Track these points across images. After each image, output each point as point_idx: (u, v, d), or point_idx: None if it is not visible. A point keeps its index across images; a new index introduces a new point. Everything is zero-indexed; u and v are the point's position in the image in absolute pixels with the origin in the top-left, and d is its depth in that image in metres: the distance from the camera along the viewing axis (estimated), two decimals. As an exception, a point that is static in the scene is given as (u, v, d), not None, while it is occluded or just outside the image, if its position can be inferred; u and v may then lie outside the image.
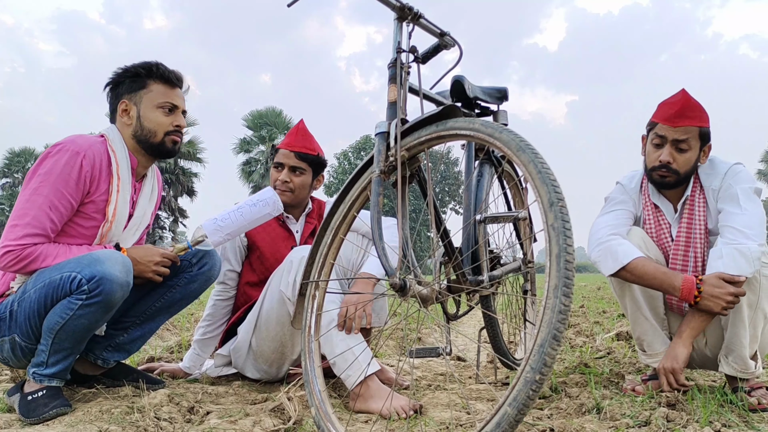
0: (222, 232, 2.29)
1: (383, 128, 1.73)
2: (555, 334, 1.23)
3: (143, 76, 2.25)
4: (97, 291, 1.92)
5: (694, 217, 2.27)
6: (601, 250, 2.25)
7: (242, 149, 39.75)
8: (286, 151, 2.73)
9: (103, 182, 2.15)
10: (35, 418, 1.91)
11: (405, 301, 1.59)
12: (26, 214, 2.02)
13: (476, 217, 2.17)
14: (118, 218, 2.19)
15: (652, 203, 2.38)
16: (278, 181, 2.72)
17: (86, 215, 2.14)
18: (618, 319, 5.34)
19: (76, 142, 2.11)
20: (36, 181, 2.05)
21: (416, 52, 1.85)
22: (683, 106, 2.25)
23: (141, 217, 2.33)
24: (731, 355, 2.18)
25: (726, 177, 2.25)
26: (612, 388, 2.38)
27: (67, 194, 2.06)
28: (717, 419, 1.87)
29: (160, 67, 2.27)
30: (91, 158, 2.10)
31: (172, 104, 2.26)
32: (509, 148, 1.45)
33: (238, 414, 1.99)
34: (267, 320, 2.48)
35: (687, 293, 2.08)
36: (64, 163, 2.05)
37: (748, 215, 2.14)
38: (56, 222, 2.06)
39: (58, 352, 2.01)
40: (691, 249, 2.26)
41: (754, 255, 2.06)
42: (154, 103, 2.24)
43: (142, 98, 2.24)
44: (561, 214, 1.31)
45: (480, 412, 2.06)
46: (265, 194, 2.37)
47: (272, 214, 2.37)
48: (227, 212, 2.32)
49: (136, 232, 2.33)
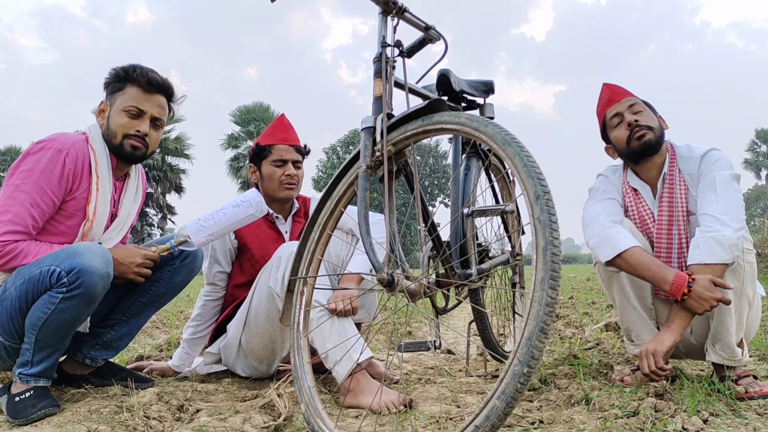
0: (205, 232, 2.28)
1: (369, 123, 1.72)
2: (542, 327, 1.23)
3: (123, 79, 2.23)
4: (78, 283, 1.91)
5: (675, 195, 2.29)
6: (601, 237, 2.26)
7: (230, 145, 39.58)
8: (285, 146, 2.71)
9: (85, 180, 2.14)
10: (23, 419, 1.90)
11: (393, 296, 1.59)
12: (8, 210, 2.00)
13: (464, 211, 2.17)
14: (99, 217, 2.17)
15: (631, 188, 2.40)
16: (283, 177, 2.69)
17: (67, 213, 2.12)
18: (607, 310, 5.37)
19: (59, 140, 2.09)
20: (18, 177, 2.03)
21: (401, 46, 1.84)
22: (610, 90, 2.47)
23: (125, 217, 2.32)
24: (718, 343, 2.20)
25: (703, 162, 2.27)
26: (601, 379, 2.40)
27: (50, 192, 2.05)
28: (705, 408, 1.88)
29: (137, 71, 2.23)
30: (74, 156, 2.09)
31: (138, 109, 2.21)
32: (495, 142, 1.45)
33: (228, 411, 1.99)
34: (256, 317, 2.47)
35: (676, 289, 2.08)
36: (47, 161, 2.04)
37: (723, 201, 2.15)
38: (38, 219, 2.04)
39: (42, 349, 2.00)
40: (674, 227, 2.27)
41: (730, 242, 2.07)
42: (122, 106, 2.21)
43: (116, 100, 2.22)
44: (547, 207, 1.32)
45: (470, 406, 2.07)
46: (248, 195, 2.35)
47: (256, 216, 2.35)
48: (210, 213, 2.31)
49: (120, 233, 2.31)
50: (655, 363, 2.12)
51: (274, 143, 2.72)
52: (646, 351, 2.15)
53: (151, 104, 2.25)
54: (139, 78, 2.22)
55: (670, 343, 2.13)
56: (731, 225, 2.10)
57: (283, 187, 2.69)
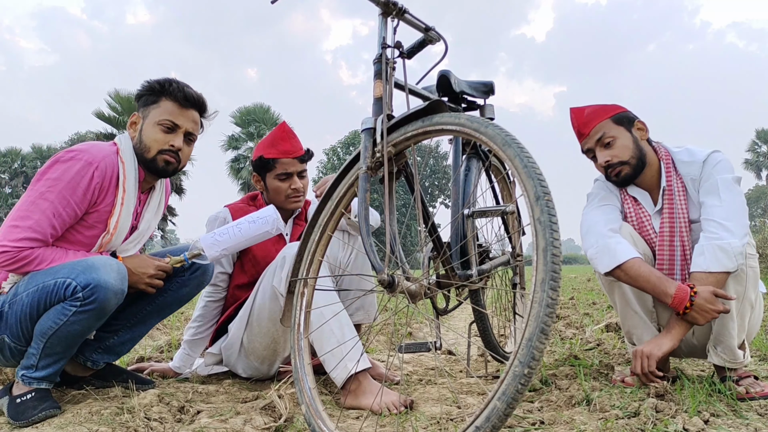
0: (219, 247, 2.27)
1: (369, 124, 1.73)
2: (543, 328, 1.23)
3: (158, 92, 2.21)
4: (92, 298, 1.91)
5: (675, 208, 2.26)
6: (599, 248, 2.23)
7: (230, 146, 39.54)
8: (290, 160, 2.67)
9: (111, 194, 2.12)
10: (24, 421, 1.90)
11: (394, 297, 1.59)
12: (29, 217, 1.99)
13: (464, 212, 2.17)
14: (120, 230, 2.16)
15: (630, 197, 2.39)
16: (290, 191, 2.67)
17: (88, 224, 2.11)
18: (607, 310, 5.37)
19: (90, 152, 2.07)
20: (44, 184, 2.01)
21: (401, 47, 1.84)
22: (579, 119, 2.38)
23: (145, 230, 2.31)
24: (720, 345, 2.19)
25: (705, 166, 2.25)
26: (601, 379, 2.40)
27: (74, 203, 2.03)
28: (706, 409, 1.88)
29: (173, 85, 2.21)
30: (103, 170, 2.07)
31: (173, 123, 2.19)
32: (495, 143, 1.46)
33: (229, 413, 1.99)
34: (259, 317, 2.47)
35: (678, 302, 2.07)
36: (76, 172, 2.02)
37: (727, 207, 2.14)
38: (58, 229, 2.03)
39: (49, 356, 2.00)
40: (676, 239, 2.26)
41: (736, 250, 2.06)
42: (156, 120, 2.19)
43: (150, 113, 2.21)
44: (547, 208, 1.32)
45: (470, 406, 2.07)
46: (265, 212, 2.32)
47: (271, 233, 2.32)
48: (226, 227, 2.30)
49: (138, 244, 2.30)
50: (648, 366, 2.11)
51: (277, 157, 2.66)
52: (641, 352, 2.14)
53: (186, 119, 2.23)
54: (175, 92, 2.20)
55: (667, 348, 2.13)
56: (736, 232, 2.08)
57: (290, 201, 2.69)
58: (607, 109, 2.34)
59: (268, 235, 2.34)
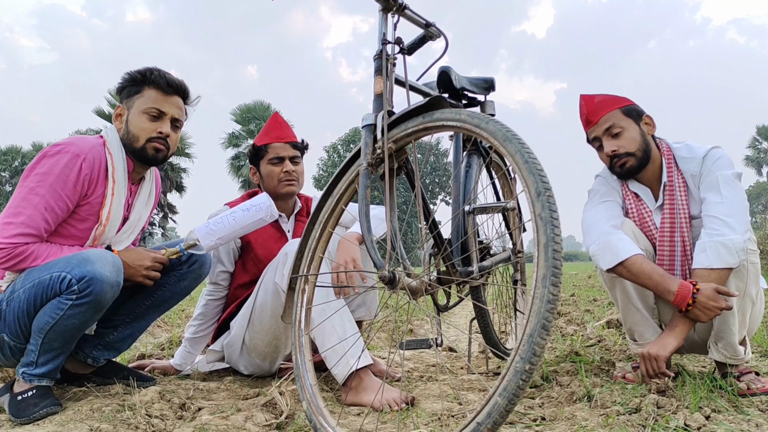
0: (214, 236, 2.27)
1: (370, 120, 1.72)
2: (544, 324, 1.23)
3: (139, 82, 2.22)
4: (87, 291, 1.91)
5: (676, 203, 2.26)
6: (601, 244, 2.22)
7: (231, 144, 39.54)
8: (281, 144, 2.71)
9: (101, 185, 2.12)
10: (25, 418, 1.90)
11: (395, 293, 1.58)
12: (21, 213, 1.99)
13: (465, 208, 2.17)
14: (112, 221, 2.17)
15: (632, 192, 2.38)
16: (282, 174, 2.69)
17: (81, 217, 2.12)
18: (608, 307, 5.37)
19: (77, 144, 2.08)
20: (33, 180, 2.02)
21: (402, 43, 1.84)
22: (589, 106, 2.36)
23: (136, 220, 2.31)
24: (721, 342, 2.19)
25: (705, 162, 2.24)
26: (603, 376, 2.40)
27: (65, 196, 2.04)
28: (707, 405, 1.88)
29: (154, 73, 2.22)
30: (91, 161, 2.08)
31: (159, 110, 2.21)
32: (496, 139, 1.45)
33: (230, 409, 1.99)
34: (261, 313, 2.47)
35: (680, 300, 2.07)
36: (64, 165, 2.03)
37: (728, 203, 2.13)
38: (51, 223, 2.04)
39: (48, 351, 2.00)
40: (677, 235, 2.25)
41: (738, 246, 2.05)
42: (142, 108, 2.20)
43: (134, 103, 2.21)
44: (548, 203, 1.31)
45: (471, 403, 2.07)
46: (258, 200, 2.33)
47: (266, 220, 2.33)
48: (220, 217, 2.30)
49: (131, 235, 2.31)
50: (657, 368, 2.12)
51: (269, 142, 2.73)
52: (648, 355, 2.14)
53: (171, 105, 2.24)
54: (157, 80, 2.21)
55: (673, 347, 2.12)
56: (737, 228, 2.07)
57: (283, 184, 2.69)
58: (617, 100, 2.34)
59: (263, 223, 2.35)
